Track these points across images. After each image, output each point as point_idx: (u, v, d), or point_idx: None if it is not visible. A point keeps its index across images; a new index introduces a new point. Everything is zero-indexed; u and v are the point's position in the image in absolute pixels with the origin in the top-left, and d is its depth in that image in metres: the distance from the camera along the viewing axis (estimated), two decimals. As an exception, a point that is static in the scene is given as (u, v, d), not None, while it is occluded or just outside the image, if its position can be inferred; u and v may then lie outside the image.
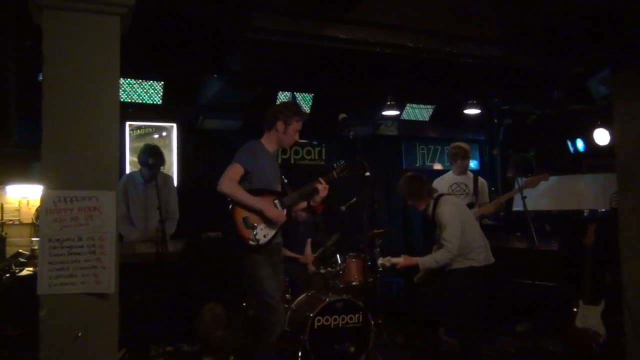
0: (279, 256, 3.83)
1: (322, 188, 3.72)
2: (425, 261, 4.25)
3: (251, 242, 3.54)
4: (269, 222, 3.62)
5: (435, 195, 4.39)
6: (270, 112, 3.76)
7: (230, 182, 3.54)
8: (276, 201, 3.71)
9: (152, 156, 4.85)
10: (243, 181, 3.63)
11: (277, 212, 3.65)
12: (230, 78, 5.25)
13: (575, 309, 4.84)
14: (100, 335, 2.90)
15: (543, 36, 4.74)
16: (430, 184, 4.56)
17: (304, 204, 3.94)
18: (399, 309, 6.07)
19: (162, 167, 5.00)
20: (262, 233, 3.60)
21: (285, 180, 3.90)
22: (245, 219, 3.56)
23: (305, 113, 3.80)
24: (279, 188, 3.83)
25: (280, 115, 3.67)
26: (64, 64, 2.95)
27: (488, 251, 4.45)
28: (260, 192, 3.66)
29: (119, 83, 3.20)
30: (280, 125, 3.67)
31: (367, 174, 3.37)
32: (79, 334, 2.85)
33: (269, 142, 3.76)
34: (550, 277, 5.30)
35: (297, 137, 3.75)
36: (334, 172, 3.82)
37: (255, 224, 3.57)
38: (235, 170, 3.58)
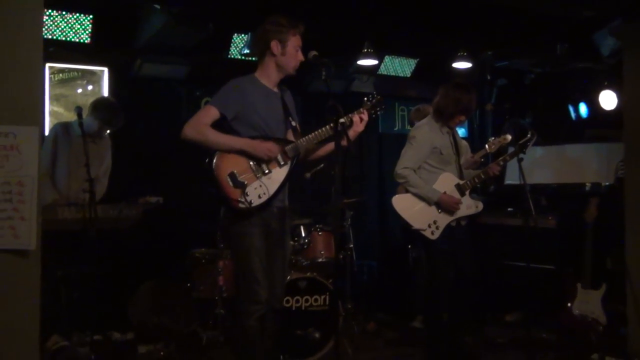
0: (282, 224, 3.58)
1: (357, 120, 3.52)
2: None
3: (241, 205, 3.33)
4: (264, 173, 3.40)
5: None
6: (257, 36, 3.57)
7: (196, 125, 3.34)
8: None
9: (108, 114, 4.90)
10: (226, 131, 3.41)
11: (267, 146, 3.38)
12: (176, 10, 5.17)
13: (572, 294, 5.03)
14: (19, 303, 2.88)
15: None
16: None
17: (325, 150, 3.63)
18: (371, 295, 6.18)
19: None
20: (256, 193, 3.38)
21: (294, 124, 3.61)
22: (232, 176, 3.36)
23: (301, 23, 3.51)
24: (285, 135, 3.58)
25: (270, 33, 3.45)
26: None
27: None
28: None
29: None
30: (275, 45, 3.43)
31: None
32: (-8, 301, 2.82)
33: (265, 75, 3.52)
34: (547, 259, 5.48)
35: (301, 56, 3.50)
36: (367, 105, 3.61)
37: (246, 182, 3.36)
38: (205, 113, 3.39)
